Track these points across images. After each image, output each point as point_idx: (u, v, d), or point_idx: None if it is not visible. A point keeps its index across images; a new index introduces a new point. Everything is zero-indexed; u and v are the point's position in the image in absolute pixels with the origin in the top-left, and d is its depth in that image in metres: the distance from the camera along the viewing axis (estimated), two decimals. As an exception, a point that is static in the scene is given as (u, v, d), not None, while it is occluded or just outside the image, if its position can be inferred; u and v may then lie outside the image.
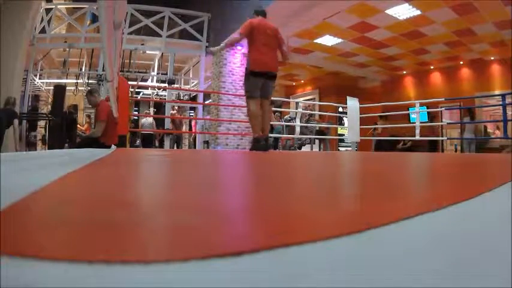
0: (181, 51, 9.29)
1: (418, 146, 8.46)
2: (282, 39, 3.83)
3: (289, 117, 7.79)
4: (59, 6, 8.80)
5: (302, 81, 13.26)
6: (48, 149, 5.93)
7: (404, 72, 11.10)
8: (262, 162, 1.63)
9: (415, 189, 0.66)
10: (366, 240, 0.24)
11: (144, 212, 0.34)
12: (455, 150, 9.06)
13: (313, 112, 8.56)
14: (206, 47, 8.85)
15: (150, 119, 8.74)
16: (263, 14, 3.87)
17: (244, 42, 7.86)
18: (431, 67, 10.37)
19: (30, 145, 6.94)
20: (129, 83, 6.08)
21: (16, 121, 5.23)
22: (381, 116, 7.86)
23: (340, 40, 8.54)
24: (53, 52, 9.29)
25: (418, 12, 6.76)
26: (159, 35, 8.78)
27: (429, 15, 6.86)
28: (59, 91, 5.16)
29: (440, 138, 8.27)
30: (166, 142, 8.97)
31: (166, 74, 9.57)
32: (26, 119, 7.11)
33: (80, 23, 8.73)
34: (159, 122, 10.33)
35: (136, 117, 9.70)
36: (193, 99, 11.04)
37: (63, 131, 5.12)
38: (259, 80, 3.68)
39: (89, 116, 9.38)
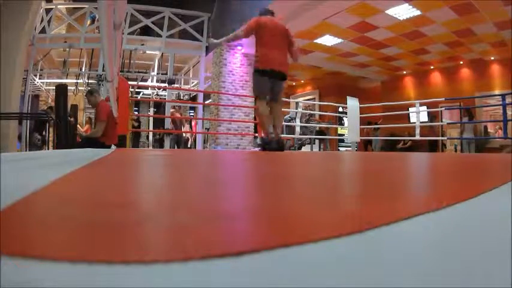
0: (181, 51, 9.29)
1: (418, 146, 8.47)
2: (292, 40, 3.66)
3: (289, 117, 7.79)
4: (59, 6, 8.80)
5: (302, 81, 13.26)
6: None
7: (404, 72, 11.11)
8: (262, 162, 1.63)
9: (415, 189, 0.66)
10: (366, 240, 0.24)
11: (144, 212, 0.34)
12: (455, 150, 9.07)
13: (313, 112, 8.56)
14: (206, 47, 8.85)
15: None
16: (270, 13, 3.71)
17: (244, 41, 7.83)
18: (431, 67, 10.38)
19: (34, 147, 6.92)
20: (129, 83, 6.08)
21: None
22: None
23: (340, 40, 8.54)
24: (53, 52, 9.29)
25: (418, 12, 6.76)
26: (159, 35, 8.78)
27: (429, 15, 6.86)
28: (61, 91, 5.14)
29: (440, 138, 8.27)
30: (166, 142, 8.98)
31: (166, 74, 9.57)
32: (25, 119, 7.12)
33: (80, 23, 8.73)
34: (159, 122, 10.35)
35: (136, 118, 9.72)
36: (193, 99, 11.05)
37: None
38: (266, 79, 3.50)
39: (90, 119, 9.38)
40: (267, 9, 3.77)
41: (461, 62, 9.64)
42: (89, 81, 9.39)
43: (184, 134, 9.13)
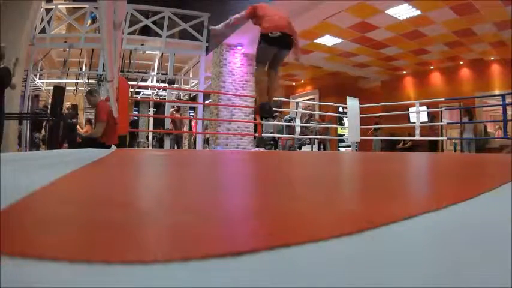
0: (181, 51, 9.30)
1: (418, 146, 8.48)
2: (292, 26, 3.65)
3: (289, 117, 7.79)
4: (59, 6, 8.79)
5: (302, 81, 13.26)
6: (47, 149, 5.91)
7: (404, 72, 11.11)
8: (262, 162, 1.63)
9: (415, 189, 0.66)
10: (366, 240, 0.24)
11: (143, 212, 0.34)
12: (454, 150, 9.07)
13: (313, 112, 8.56)
14: (206, 47, 8.85)
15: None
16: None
17: (245, 41, 7.81)
18: (431, 67, 10.38)
19: (33, 146, 6.94)
20: (129, 83, 6.08)
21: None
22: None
23: (340, 40, 8.54)
24: (53, 52, 9.29)
25: (418, 12, 6.77)
26: (159, 35, 8.78)
27: (429, 15, 6.86)
28: (58, 92, 5.14)
29: (440, 138, 8.27)
30: (166, 142, 8.98)
31: (166, 74, 9.57)
32: (24, 119, 7.12)
33: (80, 23, 8.72)
34: (159, 122, 10.34)
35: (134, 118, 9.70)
36: (193, 99, 11.04)
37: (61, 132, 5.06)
38: (272, 48, 3.48)
39: (89, 120, 9.38)
40: None
41: (461, 62, 9.64)
42: (89, 81, 9.39)
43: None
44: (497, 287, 0.17)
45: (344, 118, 8.48)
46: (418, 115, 6.32)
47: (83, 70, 9.77)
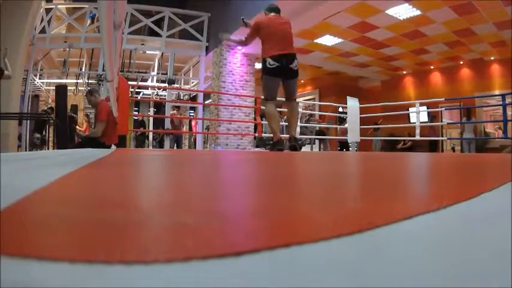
0: (181, 51, 9.29)
1: (418, 146, 8.48)
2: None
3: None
4: (59, 6, 8.80)
5: (302, 81, 13.26)
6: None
7: (404, 72, 11.11)
8: (262, 162, 1.63)
9: (415, 189, 0.66)
10: (366, 240, 0.24)
11: (144, 212, 0.34)
12: (453, 150, 9.07)
13: (313, 112, 8.56)
14: (206, 47, 8.85)
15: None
16: (276, 10, 3.67)
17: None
18: (431, 67, 10.38)
19: (34, 146, 6.95)
20: (129, 83, 6.08)
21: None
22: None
23: (340, 40, 8.55)
24: (53, 52, 9.29)
25: (418, 12, 6.77)
26: (160, 35, 8.78)
27: (429, 15, 6.86)
28: (61, 91, 5.14)
29: (440, 138, 8.27)
30: (166, 142, 8.99)
31: (166, 74, 9.57)
32: (25, 119, 7.12)
33: (80, 23, 8.73)
34: (159, 122, 10.35)
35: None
36: (193, 99, 11.04)
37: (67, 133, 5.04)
38: (276, 80, 3.47)
39: (87, 116, 9.39)
40: (272, 7, 3.72)
41: (461, 62, 9.64)
42: (89, 81, 9.39)
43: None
44: (497, 287, 0.17)
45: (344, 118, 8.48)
46: (418, 115, 6.32)
47: (83, 70, 9.77)
